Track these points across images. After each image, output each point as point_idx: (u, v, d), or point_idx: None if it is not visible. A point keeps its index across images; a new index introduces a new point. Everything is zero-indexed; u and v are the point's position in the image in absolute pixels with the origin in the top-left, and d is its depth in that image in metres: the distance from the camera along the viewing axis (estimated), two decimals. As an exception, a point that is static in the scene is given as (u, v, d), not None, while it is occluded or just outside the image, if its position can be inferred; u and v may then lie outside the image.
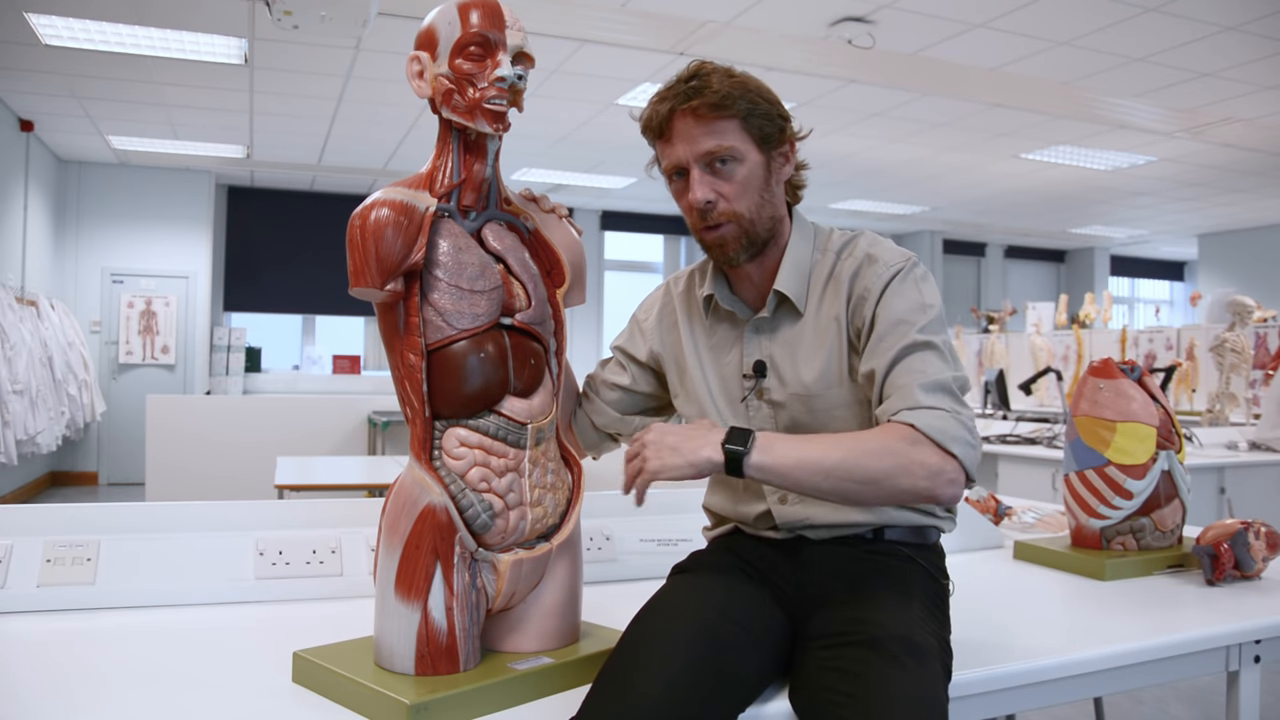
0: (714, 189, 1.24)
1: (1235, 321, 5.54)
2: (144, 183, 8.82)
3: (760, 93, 1.25)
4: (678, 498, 1.84)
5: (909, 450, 1.11)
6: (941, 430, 1.12)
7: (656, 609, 1.16)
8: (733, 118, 1.22)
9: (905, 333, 1.20)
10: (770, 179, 1.27)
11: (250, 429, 5.85)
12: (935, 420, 1.13)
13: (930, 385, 1.16)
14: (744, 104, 1.22)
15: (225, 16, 5.05)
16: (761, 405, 1.30)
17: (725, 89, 1.22)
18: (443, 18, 1.12)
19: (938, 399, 1.15)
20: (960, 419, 1.14)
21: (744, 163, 1.24)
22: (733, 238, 1.26)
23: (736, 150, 1.23)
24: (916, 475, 1.11)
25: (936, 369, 1.18)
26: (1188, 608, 1.58)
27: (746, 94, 1.23)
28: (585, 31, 5.25)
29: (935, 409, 1.14)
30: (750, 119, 1.23)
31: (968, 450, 1.13)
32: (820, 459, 1.11)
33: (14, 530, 1.46)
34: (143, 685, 1.12)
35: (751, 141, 1.24)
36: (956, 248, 12.79)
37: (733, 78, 1.24)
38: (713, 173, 1.24)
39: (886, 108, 6.73)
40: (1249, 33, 5.09)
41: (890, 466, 1.11)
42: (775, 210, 1.29)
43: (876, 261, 1.26)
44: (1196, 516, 1.88)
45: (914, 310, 1.22)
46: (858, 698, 1.01)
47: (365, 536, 1.58)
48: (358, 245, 1.06)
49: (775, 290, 1.28)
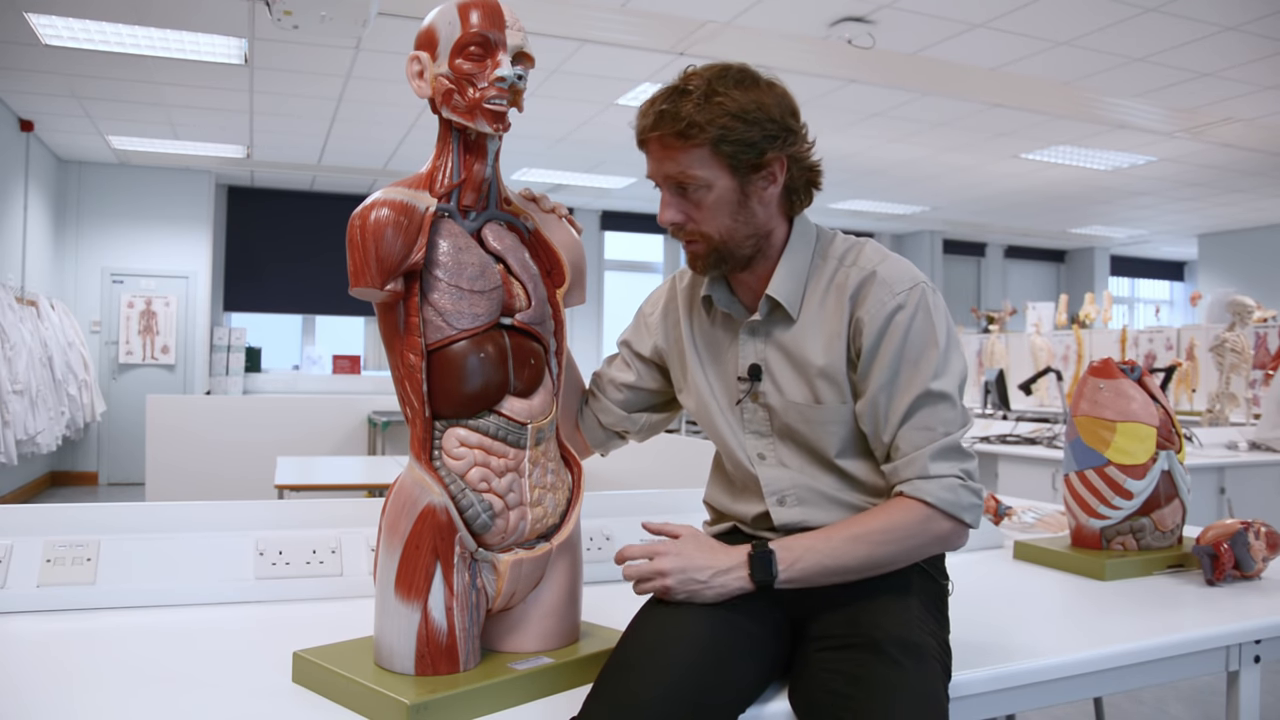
0: (681, 211, 1.23)
1: (1235, 321, 5.54)
2: (144, 183, 8.82)
3: (742, 114, 1.17)
4: (678, 498, 1.84)
5: (924, 527, 1.18)
6: (954, 503, 1.17)
7: (657, 609, 1.15)
8: (700, 146, 1.18)
9: (915, 380, 1.20)
10: (747, 201, 1.23)
11: (250, 429, 5.85)
12: (947, 494, 1.17)
13: (940, 451, 1.19)
14: (715, 130, 1.17)
15: (225, 16, 5.05)
16: (757, 409, 1.30)
17: (694, 116, 1.16)
18: (443, 18, 1.12)
19: (949, 465, 1.19)
20: (969, 484, 1.19)
21: (712, 189, 1.21)
22: (704, 254, 1.25)
23: (701, 179, 1.20)
24: (932, 546, 1.20)
25: (947, 424, 1.20)
26: (1188, 608, 1.58)
27: (720, 119, 1.16)
28: (585, 31, 5.25)
29: (946, 478, 1.18)
30: (721, 146, 1.18)
31: (973, 513, 1.20)
32: (844, 562, 1.16)
33: (14, 530, 1.46)
34: (143, 685, 1.12)
35: (722, 168, 1.20)
36: (956, 248, 12.78)
37: (713, 99, 1.17)
38: (682, 195, 1.22)
39: (886, 108, 6.73)
40: (1249, 33, 5.09)
41: (908, 549, 1.18)
42: (755, 229, 1.25)
43: (882, 284, 1.22)
44: (1196, 516, 1.88)
45: (924, 351, 1.20)
46: (857, 700, 1.01)
47: (365, 536, 1.58)
48: (358, 245, 1.06)
49: (767, 295, 1.27)
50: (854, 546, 1.16)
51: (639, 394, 1.43)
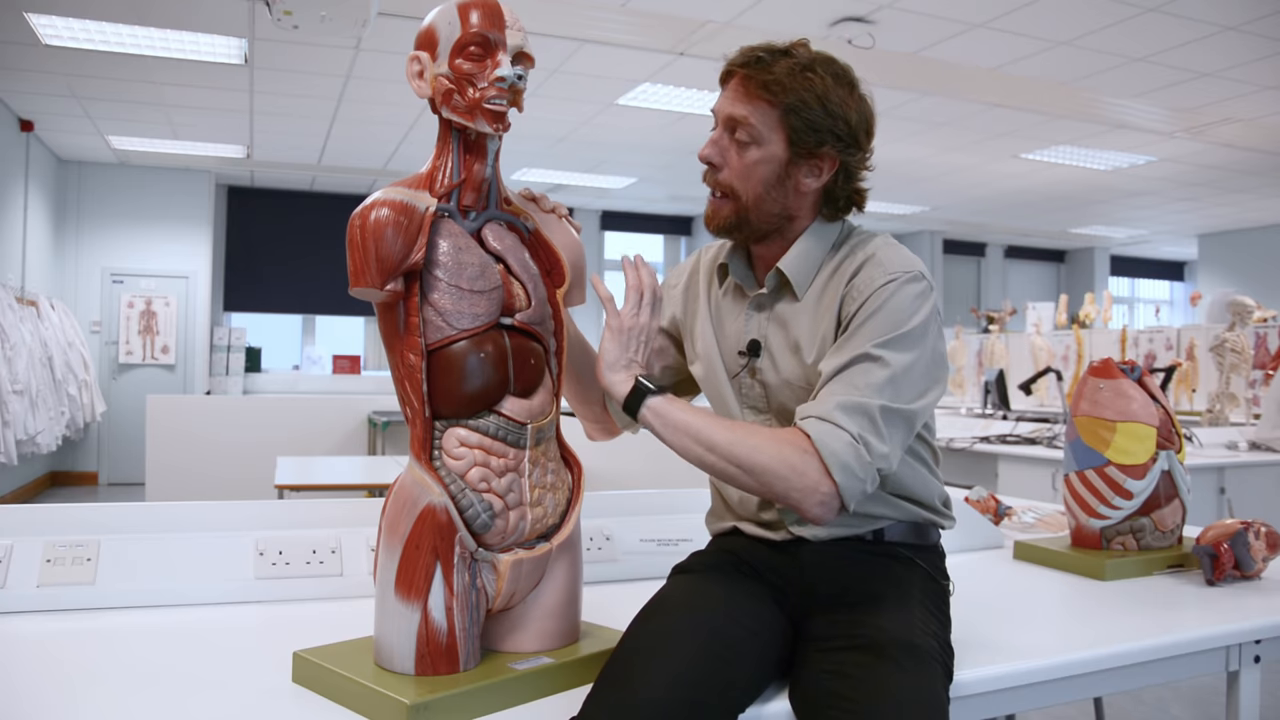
0: (721, 154, 1.24)
1: (1235, 321, 5.54)
2: (144, 183, 8.82)
3: (824, 100, 1.19)
4: (678, 498, 1.84)
5: (795, 459, 1.11)
6: (834, 454, 1.11)
7: (657, 609, 1.16)
8: (774, 106, 1.20)
9: (863, 343, 1.17)
10: (786, 179, 1.24)
11: (250, 429, 5.85)
12: (833, 442, 1.11)
13: (852, 406, 1.13)
14: (794, 98, 1.19)
15: (225, 16, 5.05)
16: (754, 384, 1.30)
17: (784, 76, 1.19)
18: (443, 18, 1.12)
19: (851, 420, 1.12)
20: (859, 450, 1.11)
21: (762, 147, 1.22)
22: (725, 214, 1.26)
23: (758, 134, 1.21)
24: (791, 484, 1.11)
25: (871, 389, 1.14)
26: (1188, 608, 1.58)
27: (804, 93, 1.19)
28: (585, 31, 5.25)
29: (841, 430, 1.12)
30: (791, 115, 1.20)
31: (850, 480, 1.11)
32: (710, 433, 1.14)
33: (14, 530, 1.46)
34: (143, 685, 1.12)
35: (781, 136, 1.21)
36: (956, 248, 12.79)
37: (807, 73, 1.19)
38: (731, 139, 1.24)
39: (886, 108, 6.72)
40: (1249, 33, 5.09)
41: (771, 467, 1.12)
42: (783, 208, 1.26)
43: (878, 264, 1.22)
44: (1196, 516, 1.88)
45: (887, 321, 1.18)
46: (857, 702, 1.01)
47: (365, 536, 1.58)
48: (358, 245, 1.06)
49: (777, 268, 1.27)
50: (727, 431, 1.15)
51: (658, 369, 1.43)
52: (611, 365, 1.20)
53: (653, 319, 1.22)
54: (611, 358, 1.20)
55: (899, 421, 1.15)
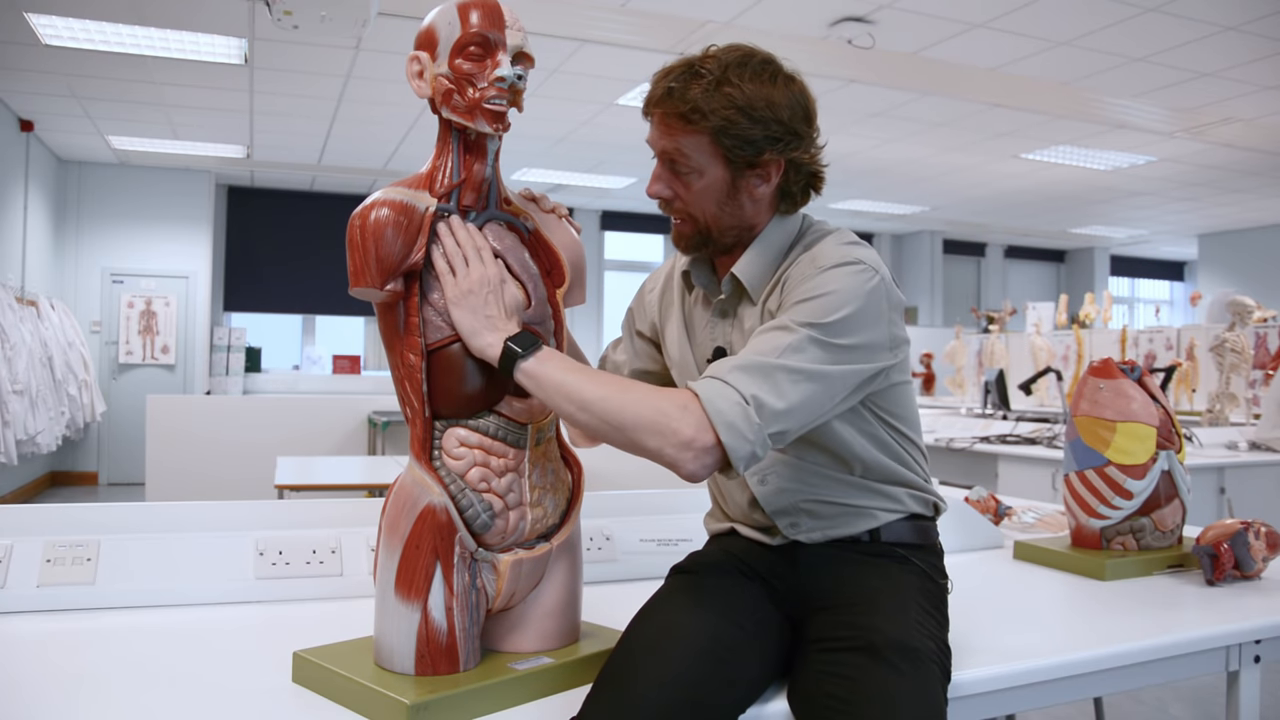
0: (670, 187, 1.23)
1: (1235, 321, 5.54)
2: (144, 183, 8.82)
3: (748, 109, 1.15)
4: (678, 498, 1.84)
5: (673, 413, 1.04)
6: (719, 411, 1.04)
7: (656, 609, 1.16)
8: (700, 133, 1.17)
9: (783, 318, 1.13)
10: (736, 194, 1.21)
11: (250, 429, 5.86)
12: (719, 400, 1.05)
13: (750, 365, 1.07)
14: (717, 120, 1.15)
15: (225, 16, 5.05)
16: None
17: (700, 102, 1.15)
18: (443, 18, 1.12)
19: (745, 380, 1.06)
20: (747, 410, 1.04)
21: (704, 175, 1.20)
22: (689, 234, 1.25)
23: (694, 163, 1.19)
24: (665, 439, 1.04)
25: (774, 350, 1.08)
26: (1188, 608, 1.58)
27: (725, 111, 1.15)
28: (585, 31, 5.25)
29: (731, 388, 1.06)
30: (721, 137, 1.16)
31: (736, 440, 1.04)
32: (582, 389, 1.06)
33: (14, 530, 1.46)
34: (143, 685, 1.12)
35: (718, 158, 1.19)
36: (956, 248, 12.79)
37: (723, 87, 1.15)
38: (673, 172, 1.22)
39: (886, 108, 6.73)
40: (1249, 33, 5.09)
41: (645, 420, 1.04)
42: (740, 220, 1.24)
43: (812, 258, 1.19)
44: (1196, 516, 1.88)
45: (810, 296, 1.13)
46: (855, 704, 1.01)
47: (365, 536, 1.58)
48: (358, 245, 1.06)
49: (731, 274, 1.26)
50: (600, 386, 1.07)
51: (638, 375, 1.44)
52: (472, 333, 1.09)
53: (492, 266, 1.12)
54: (466, 326, 1.09)
55: (805, 382, 1.08)
